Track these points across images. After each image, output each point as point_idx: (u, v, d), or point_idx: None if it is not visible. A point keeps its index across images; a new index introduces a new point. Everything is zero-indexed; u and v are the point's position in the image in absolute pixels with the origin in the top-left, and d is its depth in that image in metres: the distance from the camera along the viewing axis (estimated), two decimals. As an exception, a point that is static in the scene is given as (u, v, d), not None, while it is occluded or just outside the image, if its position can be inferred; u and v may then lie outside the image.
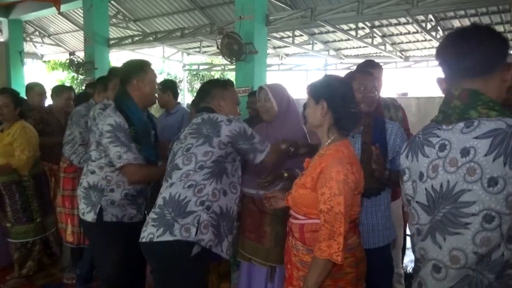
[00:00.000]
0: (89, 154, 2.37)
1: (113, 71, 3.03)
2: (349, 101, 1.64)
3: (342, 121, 1.65)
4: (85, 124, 3.13)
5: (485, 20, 7.61)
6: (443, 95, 1.31)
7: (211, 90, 2.17)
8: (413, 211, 1.30)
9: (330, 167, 1.54)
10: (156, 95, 2.49)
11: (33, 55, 13.34)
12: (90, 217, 2.28)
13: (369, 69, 2.52)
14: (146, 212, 2.46)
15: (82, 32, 9.09)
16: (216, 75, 15.66)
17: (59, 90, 4.08)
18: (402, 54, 10.08)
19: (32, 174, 3.36)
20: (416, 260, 1.32)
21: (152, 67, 2.40)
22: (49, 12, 9.50)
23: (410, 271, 3.40)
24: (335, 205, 1.50)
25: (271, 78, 12.45)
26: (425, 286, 1.22)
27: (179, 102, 3.90)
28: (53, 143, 3.73)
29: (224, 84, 2.24)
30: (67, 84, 13.62)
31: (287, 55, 11.60)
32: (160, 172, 2.23)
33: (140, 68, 2.32)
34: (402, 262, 3.25)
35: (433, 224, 1.21)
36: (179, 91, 4.52)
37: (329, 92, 1.63)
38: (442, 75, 1.30)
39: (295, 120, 2.47)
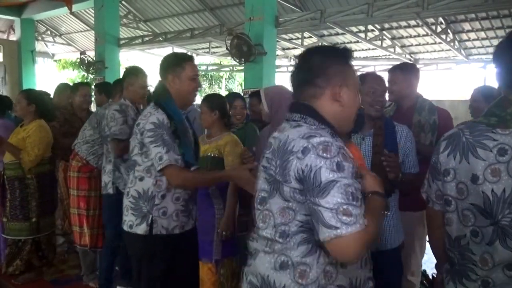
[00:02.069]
0: (133, 160, 2.11)
1: (126, 71, 3.04)
2: None
3: None
4: None
5: (496, 23, 7.55)
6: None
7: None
8: (467, 213, 1.28)
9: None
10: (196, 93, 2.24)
11: (45, 54, 13.52)
12: (141, 229, 2.04)
13: (398, 70, 2.68)
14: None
15: (93, 31, 9.20)
16: (225, 76, 15.58)
17: (74, 88, 3.92)
18: (412, 56, 10.04)
19: (36, 173, 3.31)
20: (470, 262, 1.30)
21: (194, 62, 2.18)
22: (61, 11, 9.65)
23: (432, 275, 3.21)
24: None
25: (280, 79, 12.46)
26: (492, 284, 1.25)
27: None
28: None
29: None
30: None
31: (296, 56, 11.60)
32: (205, 179, 2.14)
33: (177, 62, 2.12)
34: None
35: (500, 229, 1.22)
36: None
37: None
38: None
39: None
